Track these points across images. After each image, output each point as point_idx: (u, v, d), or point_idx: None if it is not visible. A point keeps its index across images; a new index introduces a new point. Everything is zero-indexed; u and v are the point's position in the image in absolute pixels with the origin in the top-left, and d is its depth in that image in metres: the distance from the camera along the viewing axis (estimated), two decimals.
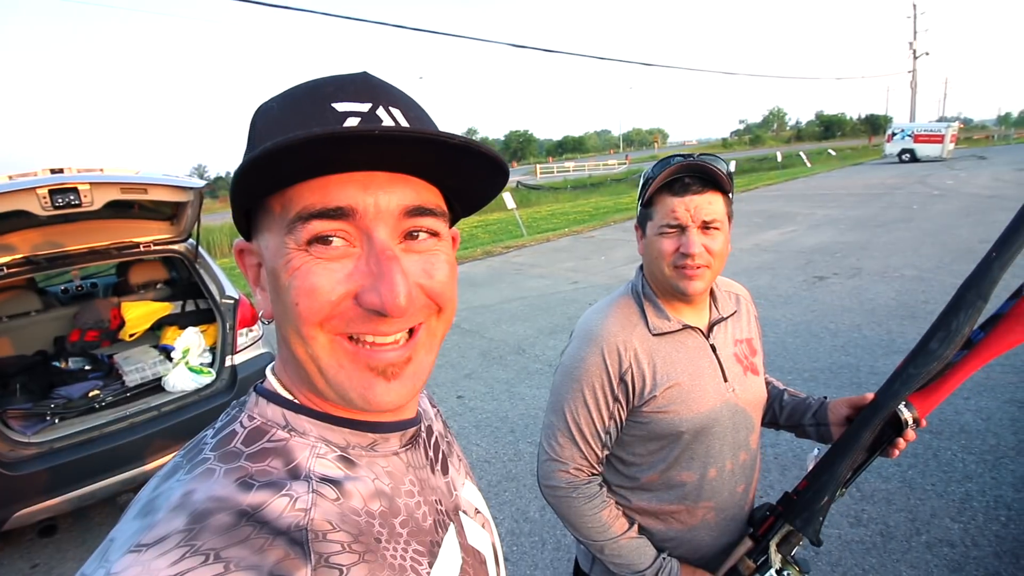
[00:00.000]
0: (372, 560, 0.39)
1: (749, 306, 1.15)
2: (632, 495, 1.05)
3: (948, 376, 0.89)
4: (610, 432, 1.01)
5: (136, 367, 3.04)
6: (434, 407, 0.64)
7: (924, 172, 18.84)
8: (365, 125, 0.38)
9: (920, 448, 2.83)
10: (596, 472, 1.03)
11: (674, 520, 1.04)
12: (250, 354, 3.09)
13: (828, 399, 1.09)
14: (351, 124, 0.38)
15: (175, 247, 3.14)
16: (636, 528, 1.03)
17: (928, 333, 0.86)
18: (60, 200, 2.37)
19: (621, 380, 0.97)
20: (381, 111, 0.40)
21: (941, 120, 41.90)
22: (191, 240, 3.24)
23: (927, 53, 42.17)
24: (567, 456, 1.01)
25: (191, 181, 2.82)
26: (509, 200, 11.42)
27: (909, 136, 25.23)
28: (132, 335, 3.50)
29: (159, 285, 3.92)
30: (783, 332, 4.61)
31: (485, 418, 3.64)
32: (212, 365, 3.10)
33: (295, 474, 0.40)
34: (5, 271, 2.59)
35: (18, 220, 2.49)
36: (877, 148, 35.27)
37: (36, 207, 2.33)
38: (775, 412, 1.19)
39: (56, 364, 3.24)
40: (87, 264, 2.94)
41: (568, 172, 41.57)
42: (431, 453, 0.54)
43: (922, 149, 24.73)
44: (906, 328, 4.46)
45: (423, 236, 0.42)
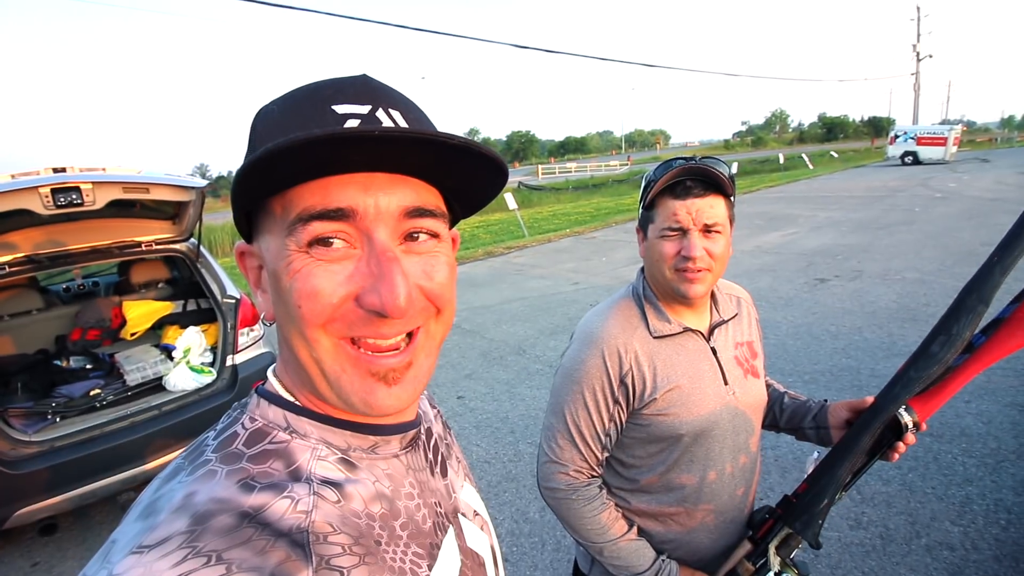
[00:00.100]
0: (372, 563, 0.39)
1: (750, 309, 1.15)
2: (631, 497, 1.05)
3: (949, 380, 0.89)
4: (610, 434, 1.01)
5: (137, 366, 3.05)
6: (434, 408, 0.64)
7: (927, 175, 18.82)
8: (365, 126, 0.38)
9: (920, 451, 2.83)
10: (596, 474, 1.03)
11: (673, 522, 1.04)
12: (251, 354, 3.09)
13: (828, 402, 1.09)
14: (351, 126, 0.38)
15: (177, 246, 3.14)
16: (635, 530, 1.03)
17: (929, 337, 0.86)
18: (62, 199, 2.38)
19: (621, 382, 0.97)
20: (381, 113, 0.40)
21: (944, 123, 41.88)
22: (193, 239, 3.24)
23: (931, 55, 42.13)
24: (567, 458, 1.01)
25: (193, 180, 2.83)
26: (511, 200, 11.42)
27: (912, 139, 25.19)
28: (133, 334, 3.51)
29: (160, 284, 3.93)
30: (784, 334, 4.61)
31: (485, 418, 3.64)
32: (213, 364, 3.10)
33: (296, 476, 0.40)
34: (7, 269, 2.60)
35: (20, 219, 2.50)
36: (880, 150, 35.21)
37: (38, 206, 2.34)
38: (775, 415, 1.19)
39: (57, 363, 3.25)
40: (89, 263, 2.95)
41: (570, 173, 41.58)
42: (431, 455, 0.54)
43: (925, 152, 24.69)
44: (907, 331, 4.45)
45: (423, 237, 0.42)
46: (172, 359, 3.10)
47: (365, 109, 0.40)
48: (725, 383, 1.01)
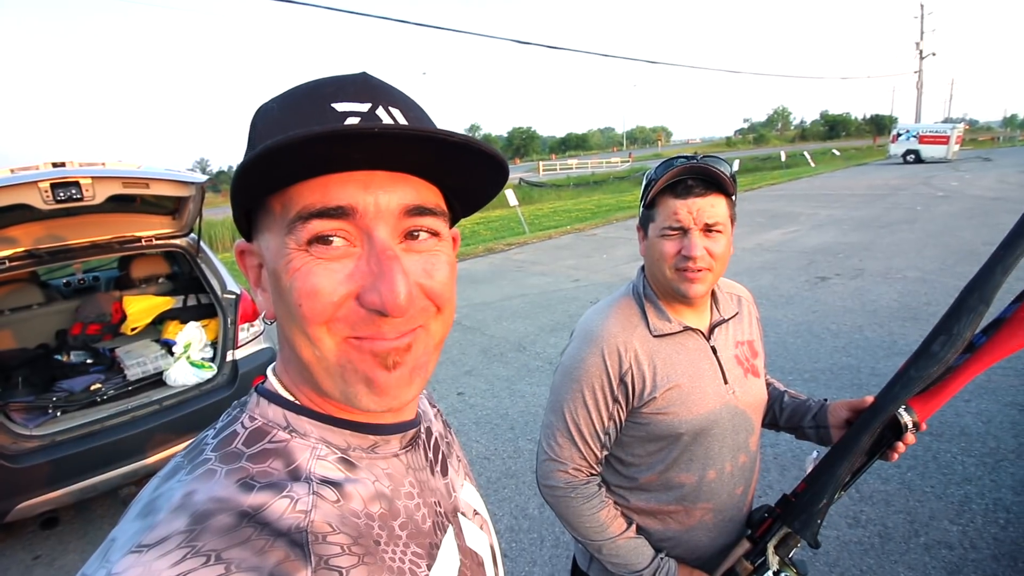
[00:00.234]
0: (371, 563, 0.39)
1: (751, 308, 1.14)
2: (630, 495, 1.05)
3: (949, 380, 0.89)
4: (609, 433, 1.01)
5: (137, 361, 3.05)
6: (434, 407, 0.64)
7: (929, 173, 18.77)
8: (365, 124, 0.38)
9: (920, 450, 2.83)
10: (595, 472, 1.03)
11: (672, 520, 1.04)
12: (251, 349, 3.10)
13: (828, 401, 1.09)
14: (351, 123, 0.38)
15: (177, 241, 3.14)
16: (634, 528, 1.03)
17: (930, 336, 0.86)
18: (62, 194, 2.38)
19: (621, 381, 0.97)
20: (381, 111, 0.40)
21: (947, 121, 41.69)
22: (193, 235, 3.24)
23: (934, 54, 41.85)
24: (566, 456, 1.01)
25: (193, 176, 2.83)
26: (511, 197, 11.41)
27: (914, 137, 25.10)
28: (134, 329, 3.51)
29: (161, 279, 3.93)
30: (784, 332, 4.61)
31: (485, 415, 3.64)
32: (213, 360, 3.11)
33: (296, 476, 0.40)
34: (7, 264, 2.60)
35: (20, 214, 2.50)
36: (882, 148, 35.10)
37: (38, 201, 2.34)
38: (775, 414, 1.19)
39: (58, 357, 3.25)
40: (89, 258, 2.95)
41: (571, 169, 41.46)
42: (430, 454, 0.54)
43: (927, 150, 24.62)
44: (908, 330, 4.45)
45: (423, 236, 0.42)
46: (172, 354, 3.10)
47: (365, 107, 0.39)
48: (725, 382, 1.01)
